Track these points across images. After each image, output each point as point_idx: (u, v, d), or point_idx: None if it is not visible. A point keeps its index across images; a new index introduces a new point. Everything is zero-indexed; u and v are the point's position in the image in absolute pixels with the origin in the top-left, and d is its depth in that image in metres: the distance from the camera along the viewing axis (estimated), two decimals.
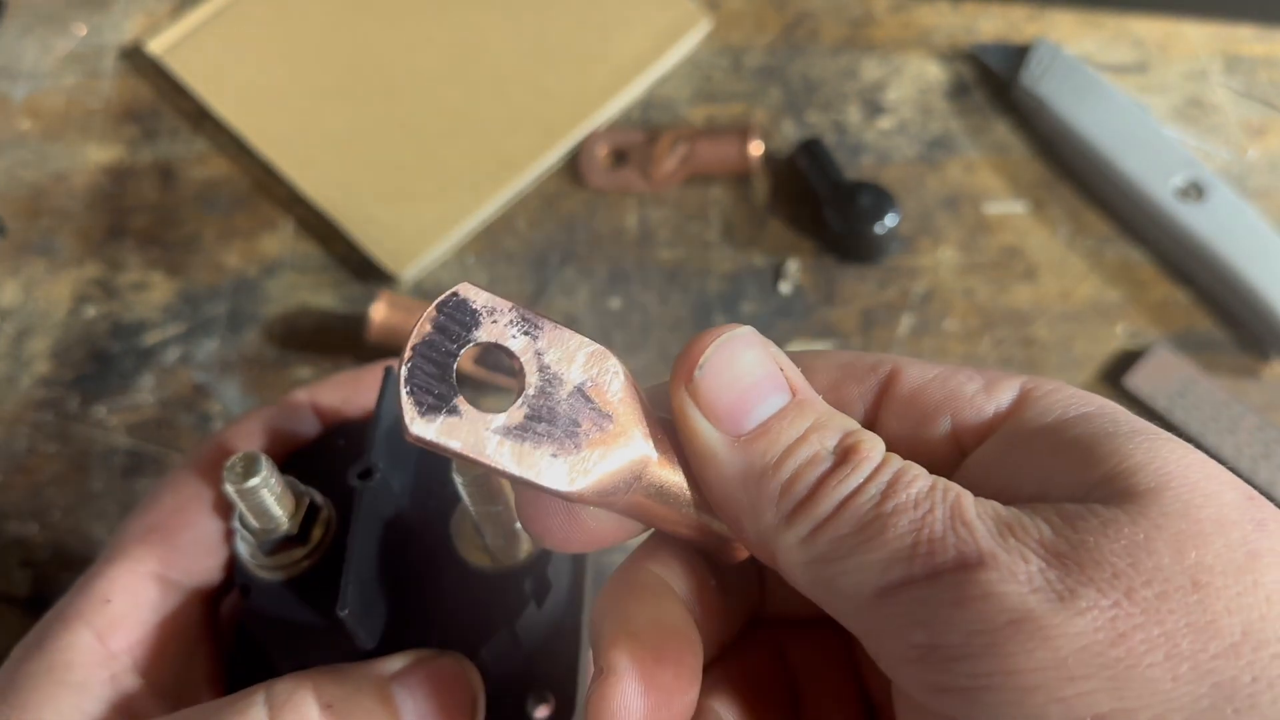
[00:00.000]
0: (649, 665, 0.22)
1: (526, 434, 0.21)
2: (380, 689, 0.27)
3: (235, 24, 0.59)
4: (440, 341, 0.20)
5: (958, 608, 0.19)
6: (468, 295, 0.21)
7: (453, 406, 0.20)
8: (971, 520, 0.19)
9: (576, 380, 0.21)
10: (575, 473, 0.21)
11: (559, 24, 0.59)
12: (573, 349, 0.22)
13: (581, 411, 0.21)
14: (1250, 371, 0.52)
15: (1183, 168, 0.54)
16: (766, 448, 0.21)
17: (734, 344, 0.22)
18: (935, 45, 0.59)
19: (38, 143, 0.58)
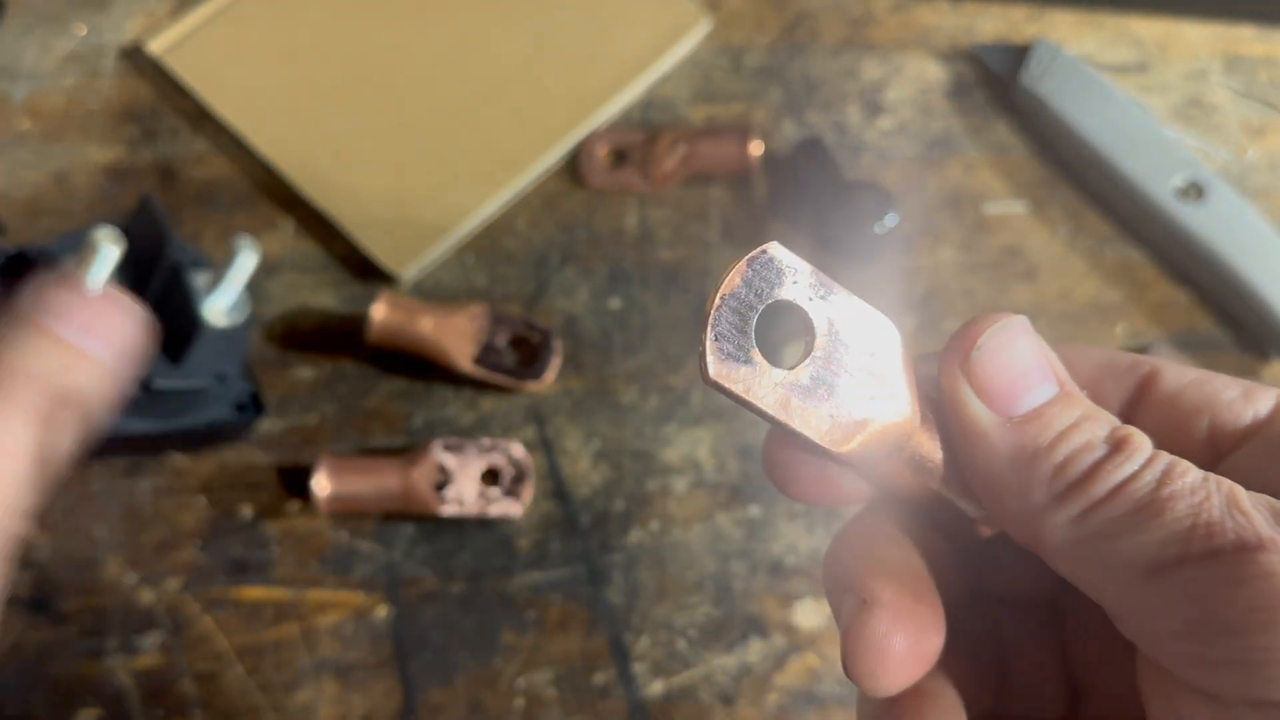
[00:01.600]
0: (909, 600, 0.23)
1: (809, 393, 0.22)
2: None
3: (235, 25, 0.59)
4: (746, 294, 0.22)
5: (1237, 586, 0.20)
6: (775, 254, 0.22)
7: (749, 358, 0.21)
8: (1248, 509, 0.21)
9: (860, 347, 0.23)
10: (845, 435, 0.22)
11: (559, 24, 0.59)
12: (861, 317, 0.23)
13: (861, 379, 0.22)
14: (1250, 371, 0.52)
15: (1183, 168, 0.54)
16: (1040, 430, 0.22)
17: (1011, 330, 0.23)
18: (935, 45, 0.59)
19: (38, 143, 0.58)
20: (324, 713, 0.46)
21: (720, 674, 0.46)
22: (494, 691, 0.46)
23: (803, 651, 0.46)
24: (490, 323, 0.51)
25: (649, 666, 0.46)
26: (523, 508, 0.48)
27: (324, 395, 0.52)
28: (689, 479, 0.50)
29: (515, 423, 0.51)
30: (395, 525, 0.49)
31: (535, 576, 0.48)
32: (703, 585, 0.48)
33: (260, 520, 0.49)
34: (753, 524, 0.49)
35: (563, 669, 0.46)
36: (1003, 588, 0.28)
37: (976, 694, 0.26)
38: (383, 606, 0.48)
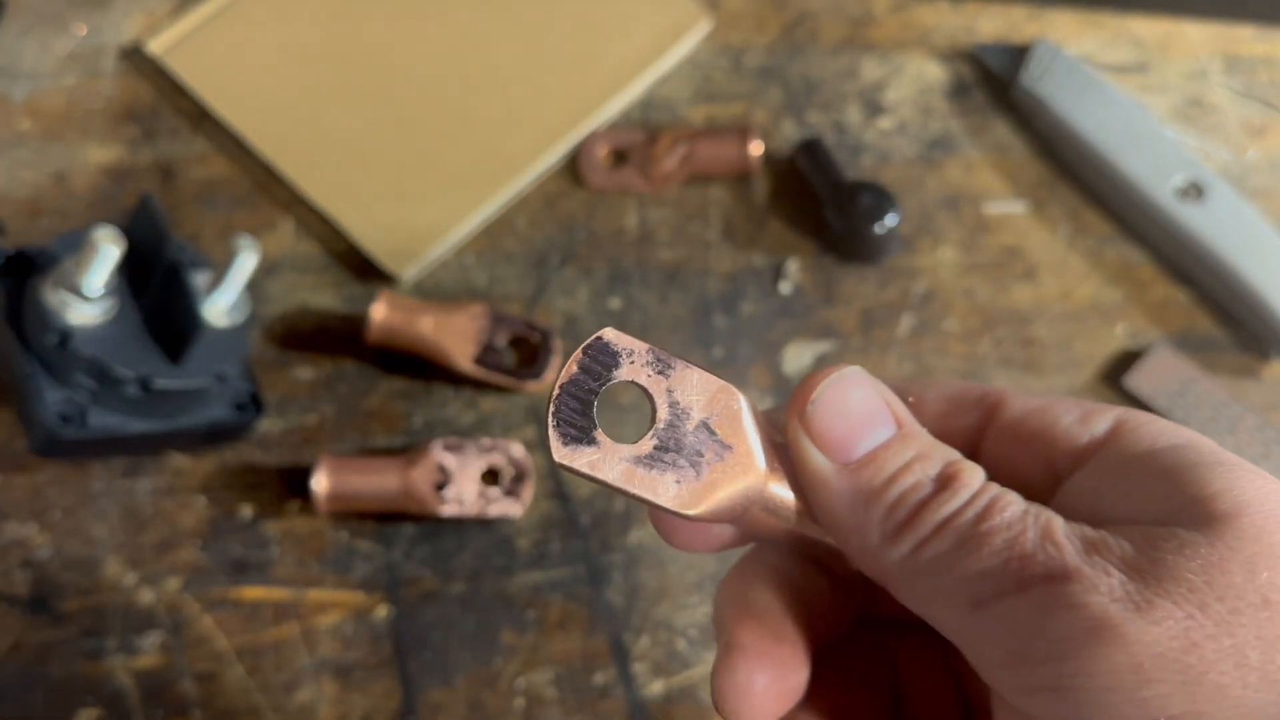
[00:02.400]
0: (768, 643, 0.25)
1: (654, 463, 0.24)
2: None
3: (235, 25, 0.59)
4: (584, 380, 0.24)
5: (1045, 616, 0.21)
6: (610, 339, 0.24)
7: (592, 439, 0.23)
8: (1060, 540, 0.22)
9: (701, 415, 0.24)
10: (694, 498, 0.24)
11: (559, 25, 0.59)
12: (700, 386, 0.24)
13: (705, 443, 0.24)
14: (1250, 371, 0.52)
15: (1183, 168, 0.54)
16: (873, 475, 0.24)
17: (843, 382, 0.25)
18: (935, 45, 0.60)
19: (37, 143, 0.58)
20: (324, 712, 0.46)
21: None
22: (494, 691, 0.46)
23: None
24: (490, 323, 0.51)
25: (649, 666, 0.46)
26: (523, 508, 0.48)
27: (324, 395, 0.52)
28: None
29: (515, 422, 0.51)
30: (395, 525, 0.49)
31: (535, 576, 0.48)
32: (702, 585, 0.48)
33: (260, 520, 0.49)
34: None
35: (563, 669, 0.46)
36: (894, 613, 0.27)
37: (866, 713, 0.27)
38: (383, 606, 0.48)
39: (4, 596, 0.48)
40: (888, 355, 0.52)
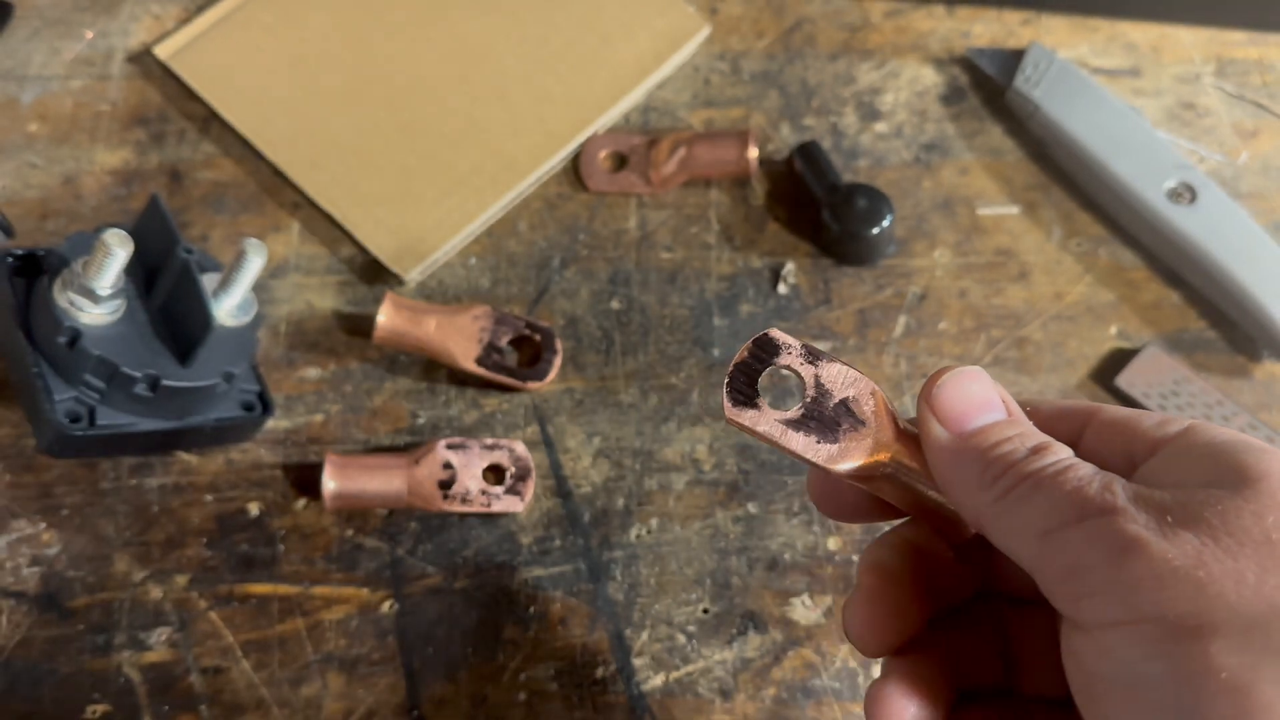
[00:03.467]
0: (887, 586, 0.32)
1: (801, 426, 0.31)
2: None
3: (242, 30, 0.60)
4: (751, 363, 0.31)
5: (1094, 539, 0.27)
6: (773, 335, 0.31)
7: (755, 404, 0.31)
8: (1116, 490, 0.28)
9: (841, 395, 0.31)
10: (830, 456, 0.31)
11: (561, 31, 0.60)
12: (841, 375, 0.32)
13: (843, 416, 0.31)
14: (1241, 371, 0.53)
15: (1175, 170, 0.54)
16: (980, 441, 0.30)
17: (964, 375, 0.31)
18: (930, 50, 0.60)
19: (45, 146, 0.58)
20: (329, 707, 0.46)
21: (719, 668, 0.47)
22: (497, 686, 0.47)
23: (800, 646, 0.47)
24: (492, 323, 0.52)
25: (649, 661, 0.47)
26: (525, 505, 0.49)
27: (330, 395, 0.52)
28: (688, 477, 0.50)
29: (518, 421, 0.52)
30: (400, 522, 0.50)
31: (537, 572, 0.49)
32: (702, 581, 0.48)
33: (267, 517, 0.50)
34: (751, 521, 0.49)
35: (564, 664, 0.47)
36: (1010, 588, 0.34)
37: (980, 670, 0.33)
38: (387, 602, 0.48)
39: (13, 593, 0.48)
40: (883, 355, 0.53)
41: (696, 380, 0.53)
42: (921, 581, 0.33)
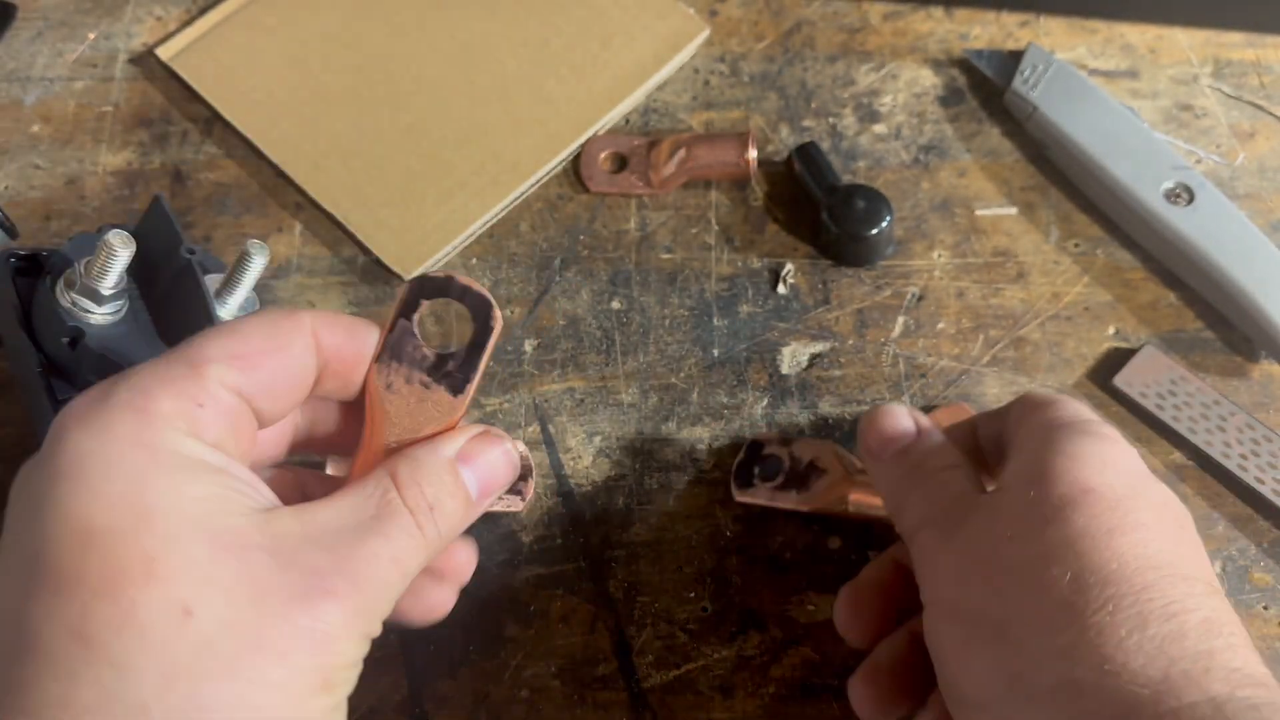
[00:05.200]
0: (862, 589, 0.43)
1: (785, 488, 0.48)
2: (452, 469, 0.34)
3: (245, 31, 0.60)
4: (746, 461, 0.50)
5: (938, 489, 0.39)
6: (759, 439, 0.49)
7: (753, 484, 0.49)
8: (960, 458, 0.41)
9: (809, 458, 0.48)
10: (806, 498, 0.48)
11: (562, 34, 0.60)
12: (808, 445, 0.49)
13: (811, 473, 0.48)
14: (1238, 371, 0.53)
15: (1172, 171, 0.55)
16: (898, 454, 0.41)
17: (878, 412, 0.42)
18: (929, 52, 0.61)
19: (49, 147, 0.59)
20: None
21: (719, 666, 0.47)
22: (498, 683, 0.47)
23: (800, 644, 0.47)
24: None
25: (650, 659, 0.47)
26: (526, 504, 0.49)
27: None
28: (688, 476, 0.51)
29: (518, 421, 0.52)
30: None
31: (538, 571, 0.49)
32: (702, 579, 0.49)
33: None
34: (751, 520, 0.50)
35: (565, 661, 0.47)
36: None
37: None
38: None
39: None
40: (882, 356, 0.53)
41: (696, 380, 0.53)
42: (896, 588, 0.41)
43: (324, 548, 0.30)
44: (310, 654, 0.28)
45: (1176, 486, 0.50)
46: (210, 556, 0.27)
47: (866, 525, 0.49)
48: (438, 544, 0.33)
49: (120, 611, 0.26)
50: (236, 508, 0.29)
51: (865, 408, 0.52)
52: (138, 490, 0.27)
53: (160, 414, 0.29)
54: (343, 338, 0.34)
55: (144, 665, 0.26)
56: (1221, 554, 0.49)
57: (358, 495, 0.32)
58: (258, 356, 0.31)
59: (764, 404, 0.52)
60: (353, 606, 0.29)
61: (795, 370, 0.53)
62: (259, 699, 0.27)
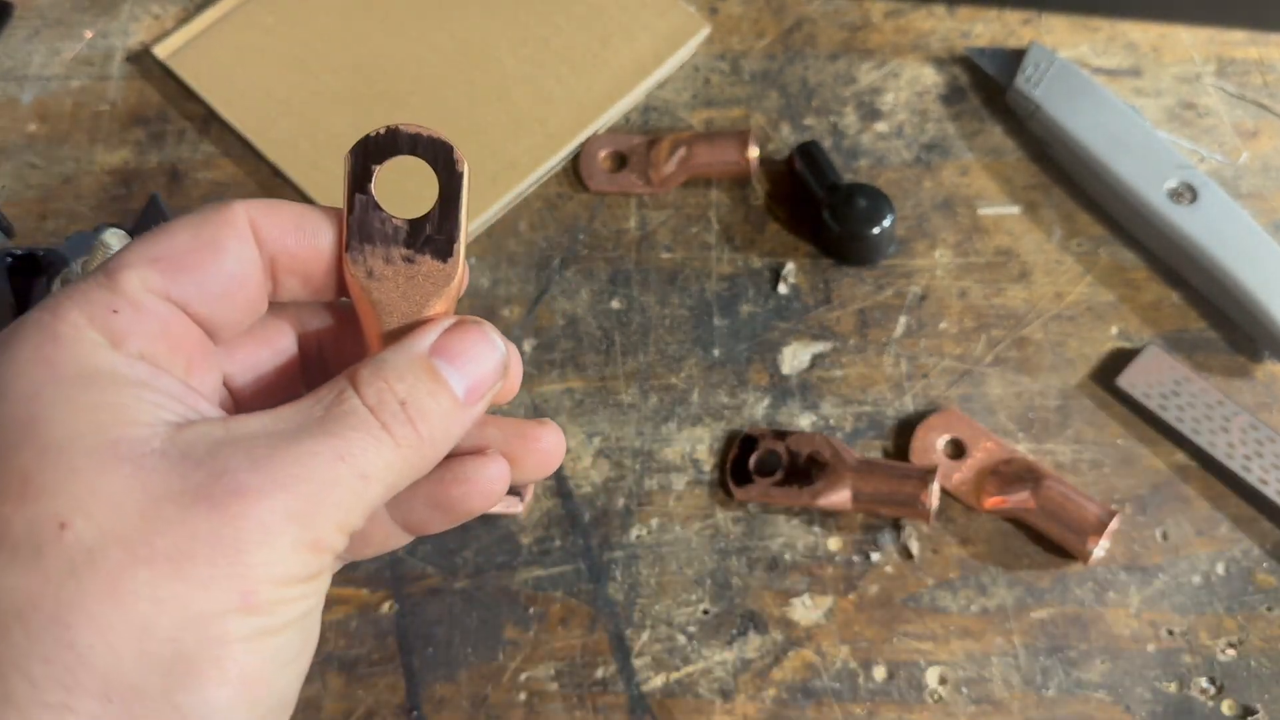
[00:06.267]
0: None
1: (785, 483, 0.49)
2: (426, 365, 0.29)
3: (241, 29, 0.60)
4: (741, 457, 0.48)
5: None
6: (751, 433, 0.44)
7: (751, 480, 0.49)
8: None
9: (807, 452, 0.50)
10: (807, 494, 0.49)
11: (562, 31, 0.60)
12: (803, 437, 0.50)
13: (813, 467, 0.49)
14: (1242, 371, 0.53)
15: (1175, 170, 0.54)
16: None
17: None
18: (931, 50, 0.60)
19: (45, 146, 0.58)
20: (329, 707, 0.46)
21: (719, 669, 0.47)
22: (497, 686, 0.47)
23: (800, 647, 0.47)
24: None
25: (649, 661, 0.47)
26: (525, 505, 0.49)
27: None
28: (688, 476, 0.50)
29: None
30: None
31: (537, 573, 0.49)
32: (702, 581, 0.48)
33: None
34: (751, 521, 0.49)
35: (564, 664, 0.47)
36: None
37: None
38: (387, 602, 0.48)
39: None
40: (884, 355, 0.53)
41: (696, 380, 0.53)
42: None
43: (243, 449, 0.25)
44: (215, 565, 0.24)
45: (1180, 488, 0.50)
46: (95, 466, 0.24)
47: (870, 522, 0.49)
48: (420, 449, 0.28)
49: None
50: (141, 418, 0.25)
51: (867, 408, 0.52)
52: (26, 406, 0.25)
53: (67, 326, 0.26)
54: (286, 227, 0.29)
55: (10, 585, 0.23)
56: (1225, 555, 0.48)
57: (307, 400, 0.27)
58: (183, 256, 0.28)
59: (765, 404, 0.52)
60: (278, 507, 0.25)
61: (796, 370, 0.53)
62: (148, 616, 0.24)
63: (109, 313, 0.26)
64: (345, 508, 0.26)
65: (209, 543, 0.24)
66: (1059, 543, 0.48)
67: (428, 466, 0.29)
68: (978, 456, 0.50)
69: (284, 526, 0.25)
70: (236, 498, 0.25)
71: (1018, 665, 0.46)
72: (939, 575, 0.48)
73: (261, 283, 0.29)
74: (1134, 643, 0.47)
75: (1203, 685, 0.46)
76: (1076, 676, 0.46)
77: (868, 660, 0.47)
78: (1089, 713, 0.46)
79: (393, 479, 0.28)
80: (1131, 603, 0.47)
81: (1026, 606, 0.47)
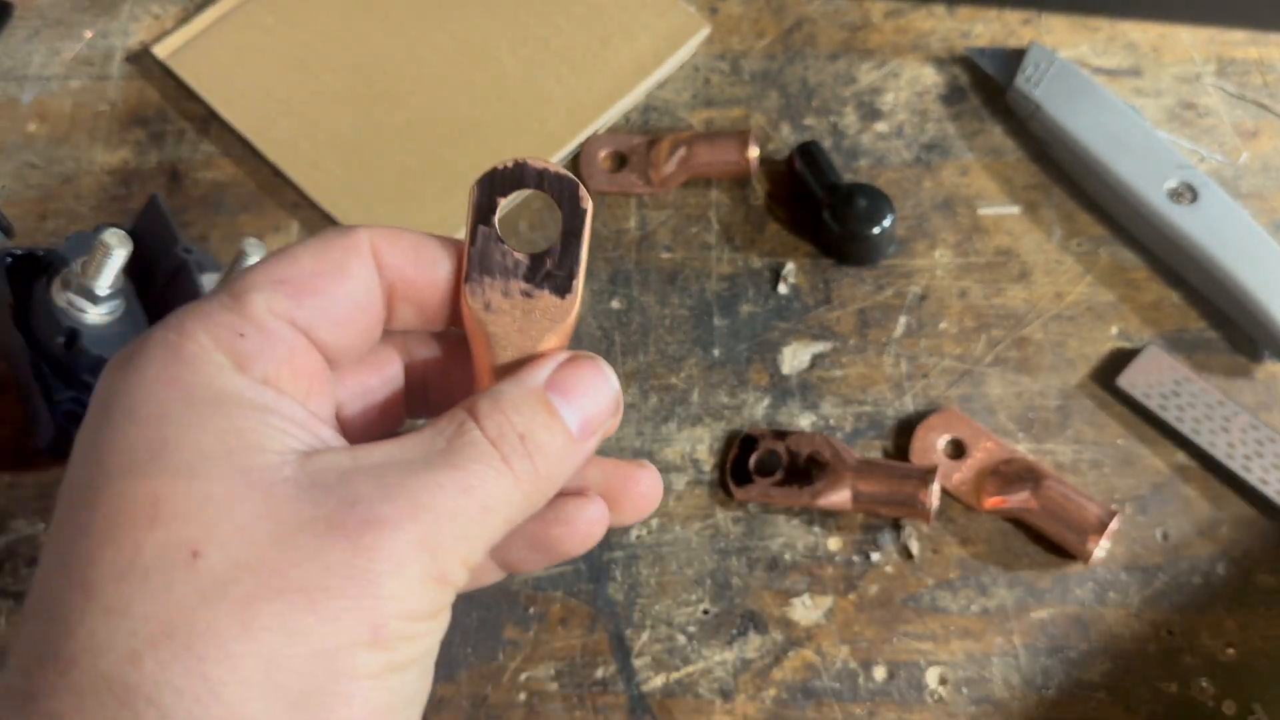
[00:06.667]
0: None
1: (786, 483, 0.49)
2: (543, 399, 0.28)
3: (241, 29, 0.60)
4: (742, 456, 0.48)
5: None
6: (750, 433, 0.46)
7: (751, 480, 0.49)
8: None
9: (807, 452, 0.50)
10: (807, 494, 0.49)
11: (561, 31, 0.60)
12: (803, 438, 0.49)
13: (814, 467, 0.49)
14: (1242, 371, 0.53)
15: (1176, 170, 0.54)
16: None
17: None
18: (931, 50, 0.60)
19: (45, 145, 0.58)
20: None
21: (719, 669, 0.47)
22: (497, 686, 0.47)
23: (800, 647, 0.47)
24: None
25: (649, 662, 0.47)
26: None
27: None
28: (688, 476, 0.50)
29: None
30: None
31: (537, 573, 0.49)
32: (702, 581, 0.48)
33: None
34: (751, 521, 0.49)
35: (564, 664, 0.47)
36: None
37: None
38: None
39: (11, 594, 0.48)
40: (884, 355, 0.53)
41: (696, 380, 0.53)
42: None
43: (373, 478, 0.25)
44: (347, 596, 0.24)
45: (1180, 488, 0.50)
46: (227, 492, 0.24)
47: (870, 522, 0.49)
48: (536, 484, 0.27)
49: (124, 557, 0.23)
50: (270, 444, 0.25)
51: (867, 408, 0.52)
52: (157, 428, 0.25)
53: (194, 347, 0.26)
54: (407, 255, 0.29)
55: (142, 612, 0.23)
56: (1225, 556, 0.48)
57: (428, 431, 0.27)
58: (309, 280, 0.27)
59: (765, 404, 0.52)
60: (410, 539, 0.24)
61: (796, 370, 0.53)
62: (278, 649, 0.23)
63: (235, 335, 0.26)
64: (469, 540, 0.26)
65: (342, 574, 0.24)
66: (1059, 543, 0.48)
67: (542, 501, 0.28)
68: (978, 456, 0.50)
69: (414, 558, 0.25)
70: (370, 528, 0.24)
71: (1018, 665, 0.46)
72: (939, 575, 0.48)
73: (380, 309, 0.29)
74: (1134, 643, 0.47)
75: (1203, 685, 0.46)
76: (1077, 677, 0.46)
77: (868, 660, 0.47)
78: (1089, 713, 0.46)
79: (511, 513, 0.27)
80: (1132, 603, 0.47)
81: (1027, 606, 0.47)
